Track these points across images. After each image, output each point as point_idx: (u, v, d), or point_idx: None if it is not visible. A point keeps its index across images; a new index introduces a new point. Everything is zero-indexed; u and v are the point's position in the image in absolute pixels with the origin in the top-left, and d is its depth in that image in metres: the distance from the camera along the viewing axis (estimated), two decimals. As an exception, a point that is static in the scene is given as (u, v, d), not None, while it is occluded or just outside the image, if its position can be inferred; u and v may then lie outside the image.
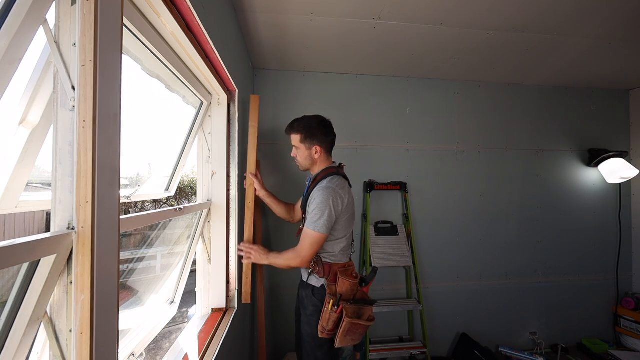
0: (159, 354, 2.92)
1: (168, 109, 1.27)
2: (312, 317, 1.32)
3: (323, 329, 1.25)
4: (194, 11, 0.86)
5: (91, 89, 0.49)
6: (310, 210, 1.27)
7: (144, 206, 5.44)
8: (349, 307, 1.21)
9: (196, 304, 1.43)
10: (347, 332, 1.20)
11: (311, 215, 1.26)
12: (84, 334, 0.49)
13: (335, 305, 1.22)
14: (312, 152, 1.35)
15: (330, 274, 1.30)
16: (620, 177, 2.30)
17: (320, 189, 1.27)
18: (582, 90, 2.54)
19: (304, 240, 1.26)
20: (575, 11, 1.51)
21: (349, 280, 1.23)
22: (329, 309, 1.22)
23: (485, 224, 2.39)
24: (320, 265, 1.30)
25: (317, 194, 1.26)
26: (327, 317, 1.23)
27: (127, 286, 1.17)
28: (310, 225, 1.24)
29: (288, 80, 2.21)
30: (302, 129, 1.34)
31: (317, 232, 1.23)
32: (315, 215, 1.23)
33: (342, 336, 1.21)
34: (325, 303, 1.25)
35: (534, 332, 2.41)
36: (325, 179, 1.31)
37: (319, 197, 1.24)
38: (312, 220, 1.24)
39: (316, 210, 1.24)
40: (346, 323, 1.19)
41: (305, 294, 1.37)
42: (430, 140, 2.35)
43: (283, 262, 1.31)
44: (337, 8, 1.48)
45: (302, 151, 1.37)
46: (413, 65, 2.12)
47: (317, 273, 1.31)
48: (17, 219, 3.73)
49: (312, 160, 1.37)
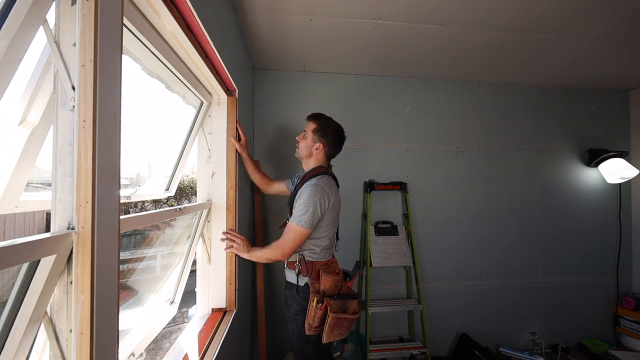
0: (159, 354, 2.92)
1: (168, 109, 1.27)
2: (297, 316, 1.35)
3: (309, 326, 1.28)
4: (194, 11, 0.86)
5: (91, 89, 0.49)
6: (297, 205, 1.30)
7: (144, 206, 5.44)
8: (333, 302, 1.26)
9: (196, 304, 1.43)
10: (333, 327, 1.25)
11: (297, 210, 1.29)
12: (84, 334, 0.49)
13: (319, 302, 1.25)
14: (314, 146, 1.41)
15: (313, 272, 1.33)
16: (620, 177, 2.30)
17: (309, 186, 1.31)
18: (582, 90, 2.54)
19: (287, 234, 1.29)
20: (575, 11, 1.51)
21: (331, 277, 1.28)
22: (314, 306, 1.26)
23: (486, 224, 2.39)
24: (303, 264, 1.34)
25: (305, 190, 1.30)
26: (313, 314, 1.26)
27: (127, 286, 1.17)
28: (295, 219, 1.27)
29: (288, 80, 2.20)
30: (322, 124, 1.41)
31: (300, 227, 1.26)
32: (301, 210, 1.27)
33: (329, 331, 1.25)
34: (310, 301, 1.29)
35: (534, 332, 2.41)
36: (314, 177, 1.35)
37: (307, 194, 1.28)
38: (297, 215, 1.28)
39: (302, 206, 1.27)
40: (331, 318, 1.23)
41: (289, 293, 1.40)
42: (430, 140, 2.35)
43: (263, 255, 1.30)
44: (337, 8, 1.48)
45: (307, 140, 1.42)
46: (413, 65, 2.12)
47: (301, 272, 1.34)
48: (17, 219, 3.73)
49: (309, 153, 1.42)
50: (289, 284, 1.42)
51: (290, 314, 1.39)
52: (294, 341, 1.39)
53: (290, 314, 1.39)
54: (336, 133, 1.42)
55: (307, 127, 1.43)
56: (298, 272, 1.34)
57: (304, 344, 1.36)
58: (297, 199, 1.32)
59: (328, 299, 1.25)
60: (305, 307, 1.32)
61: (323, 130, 1.39)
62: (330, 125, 1.41)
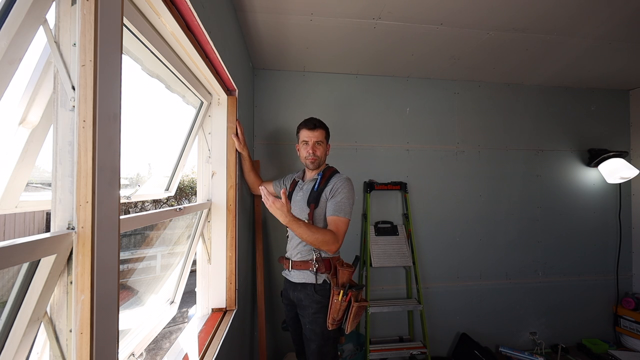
0: (159, 354, 2.92)
1: (168, 109, 1.27)
2: (317, 314, 1.35)
3: (333, 320, 1.31)
4: (194, 11, 0.86)
5: (91, 89, 0.49)
6: (339, 199, 1.34)
7: (144, 206, 5.44)
8: (354, 292, 1.30)
9: (196, 304, 1.43)
10: (355, 315, 1.29)
11: (340, 203, 1.34)
12: (84, 334, 0.49)
13: (344, 294, 1.28)
14: (328, 150, 1.51)
15: (331, 267, 1.37)
16: (620, 177, 2.30)
17: (343, 179, 1.39)
18: (582, 90, 2.54)
19: (341, 227, 1.31)
20: (575, 11, 1.51)
21: (347, 269, 1.32)
22: (339, 299, 1.28)
23: (486, 223, 2.39)
24: (321, 262, 1.36)
25: (343, 184, 1.37)
26: (338, 307, 1.28)
27: (127, 286, 1.17)
28: (341, 212, 1.32)
29: (288, 80, 2.20)
30: (326, 128, 1.50)
31: (347, 218, 1.33)
32: (345, 204, 1.34)
33: (352, 320, 1.30)
34: (333, 295, 1.30)
35: (534, 332, 2.41)
36: (335, 174, 1.45)
37: (347, 187, 1.37)
38: (342, 208, 1.33)
39: (345, 199, 1.34)
40: (356, 307, 1.28)
41: (304, 295, 1.37)
42: (430, 140, 2.35)
43: (312, 235, 1.23)
44: (337, 8, 1.48)
45: (323, 146, 1.48)
46: (413, 65, 2.12)
47: (319, 270, 1.36)
48: (17, 219, 3.73)
49: (325, 157, 1.50)
50: (302, 285, 1.38)
51: (309, 315, 1.35)
52: (314, 342, 1.35)
53: (309, 314, 1.35)
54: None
55: (318, 136, 1.44)
56: (316, 271, 1.35)
57: (325, 342, 1.34)
58: (335, 193, 1.36)
59: (351, 290, 1.29)
60: (325, 304, 1.34)
61: (328, 133, 1.50)
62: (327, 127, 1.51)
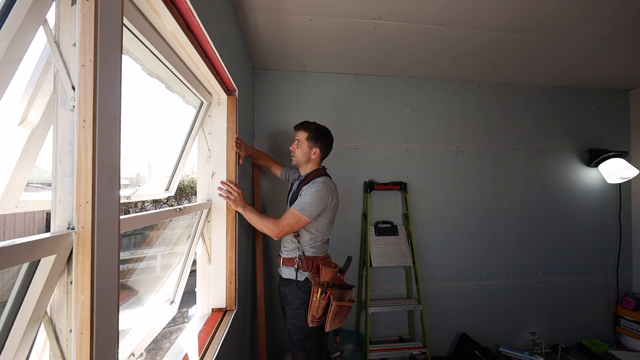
0: (159, 354, 2.92)
1: (168, 109, 1.27)
2: (298, 310, 1.41)
3: (313, 317, 1.35)
4: (194, 11, 0.86)
5: (91, 89, 0.49)
6: (302, 198, 1.38)
7: (144, 206, 5.45)
8: (335, 292, 1.34)
9: (196, 304, 1.43)
10: (335, 315, 1.33)
11: (303, 198, 1.38)
12: (84, 334, 0.49)
13: (323, 292, 1.33)
14: (311, 152, 1.51)
15: (314, 266, 1.42)
16: (620, 177, 2.29)
17: (318, 182, 1.41)
18: (582, 90, 2.53)
19: (287, 217, 1.37)
20: (576, 12, 1.50)
21: (330, 269, 1.36)
22: (317, 297, 1.33)
23: (486, 223, 2.38)
24: (304, 260, 1.42)
25: (314, 185, 1.40)
26: (317, 305, 1.34)
27: (127, 286, 1.17)
28: (298, 206, 1.36)
29: (288, 80, 2.20)
30: (312, 130, 1.51)
31: (302, 214, 1.35)
32: (306, 200, 1.36)
33: (332, 319, 1.33)
34: (313, 293, 1.36)
35: (534, 332, 2.41)
36: (319, 177, 1.45)
37: (316, 187, 1.38)
38: (302, 202, 1.36)
39: (308, 197, 1.36)
40: (334, 306, 1.31)
41: (289, 290, 1.45)
42: (430, 140, 2.35)
43: (259, 222, 1.38)
44: (337, 8, 1.48)
45: (303, 148, 1.51)
46: (413, 65, 2.12)
47: (301, 267, 1.42)
48: (17, 219, 3.73)
49: (307, 158, 1.52)
50: (287, 281, 1.47)
51: (292, 310, 1.43)
52: (295, 336, 1.43)
53: (292, 309, 1.43)
54: (327, 134, 1.54)
55: (299, 136, 1.52)
56: (297, 268, 1.41)
57: (306, 337, 1.41)
58: (303, 192, 1.40)
59: (331, 289, 1.33)
60: (306, 300, 1.39)
61: (316, 136, 1.50)
62: (320, 130, 1.52)
